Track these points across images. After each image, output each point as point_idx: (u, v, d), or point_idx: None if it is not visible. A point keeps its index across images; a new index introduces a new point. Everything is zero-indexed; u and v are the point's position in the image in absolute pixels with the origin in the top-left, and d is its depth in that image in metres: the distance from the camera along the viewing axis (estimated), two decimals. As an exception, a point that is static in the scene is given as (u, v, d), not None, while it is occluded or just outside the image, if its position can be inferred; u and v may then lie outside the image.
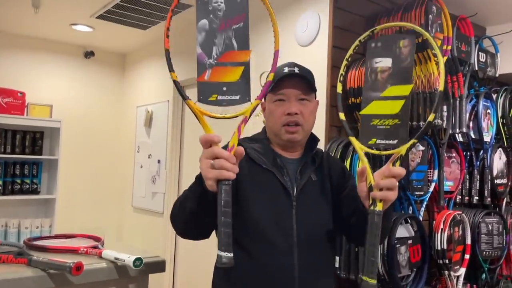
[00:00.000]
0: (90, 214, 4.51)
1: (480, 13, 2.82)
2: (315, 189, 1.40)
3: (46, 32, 4.19)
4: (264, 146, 1.41)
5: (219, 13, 1.11)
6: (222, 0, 1.11)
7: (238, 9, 1.12)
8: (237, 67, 1.11)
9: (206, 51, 1.09)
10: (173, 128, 3.94)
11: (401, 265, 2.09)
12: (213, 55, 1.09)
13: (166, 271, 1.53)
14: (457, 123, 2.49)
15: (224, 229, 1.00)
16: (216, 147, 1.03)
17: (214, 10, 1.10)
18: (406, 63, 1.21)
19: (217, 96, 1.08)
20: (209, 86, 1.08)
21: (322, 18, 2.46)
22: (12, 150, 3.72)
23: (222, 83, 1.09)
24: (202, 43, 1.09)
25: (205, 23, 1.09)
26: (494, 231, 2.51)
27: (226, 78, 1.09)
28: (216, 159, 1.02)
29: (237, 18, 1.12)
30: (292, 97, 1.38)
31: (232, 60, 1.10)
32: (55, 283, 1.26)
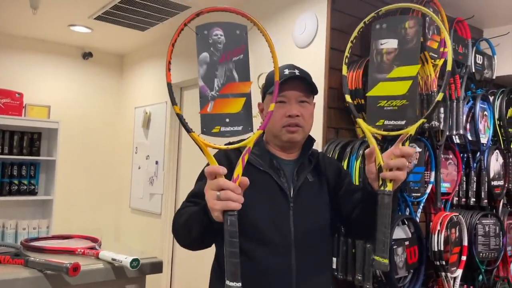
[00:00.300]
0: (88, 215, 4.51)
1: (477, 16, 2.83)
2: (311, 189, 1.41)
3: (44, 33, 4.19)
4: (260, 148, 1.41)
5: (219, 45, 1.14)
6: (222, 33, 1.14)
7: (238, 41, 1.16)
8: (239, 98, 1.12)
9: (208, 83, 1.10)
10: (171, 129, 3.94)
11: (398, 267, 2.09)
12: (215, 87, 1.11)
13: (163, 272, 1.54)
14: (454, 125, 2.50)
15: (232, 259, 1.01)
16: (222, 179, 1.04)
17: (214, 43, 1.14)
18: (412, 44, 1.20)
19: (220, 127, 1.09)
20: (212, 118, 1.09)
21: (319, 20, 2.46)
22: (9, 151, 3.71)
23: (224, 115, 1.10)
24: (204, 76, 1.11)
25: (206, 56, 1.12)
26: (490, 233, 2.52)
27: (228, 110, 1.10)
28: (222, 190, 1.02)
29: (237, 50, 1.16)
30: (293, 99, 1.39)
31: (233, 92, 1.12)
32: (52, 284, 1.26)
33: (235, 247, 1.01)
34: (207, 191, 1.05)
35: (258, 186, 1.33)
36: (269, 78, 1.44)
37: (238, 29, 1.18)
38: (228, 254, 1.01)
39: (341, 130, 2.38)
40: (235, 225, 1.02)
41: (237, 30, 1.18)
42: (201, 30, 1.14)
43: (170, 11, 3.35)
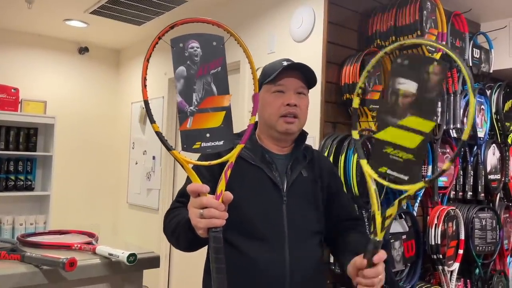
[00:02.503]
0: (85, 210, 4.50)
1: (474, 9, 2.83)
2: (305, 185, 1.40)
3: (39, 28, 4.16)
4: (251, 142, 1.39)
5: (196, 58, 1.09)
6: (198, 45, 1.09)
7: (214, 53, 1.11)
8: (219, 112, 1.10)
9: (186, 98, 1.08)
10: (168, 124, 3.93)
11: (395, 260, 2.10)
12: (194, 101, 1.08)
13: (161, 267, 1.54)
14: (451, 119, 2.50)
15: (218, 275, 1.01)
16: (205, 197, 1.03)
17: (190, 56, 1.09)
18: (432, 94, 1.07)
19: (201, 143, 1.08)
20: (192, 133, 1.07)
21: (317, 13, 2.45)
22: (6, 147, 3.70)
23: (204, 130, 1.08)
24: (181, 91, 1.08)
25: (182, 70, 1.08)
26: (487, 226, 2.53)
27: (209, 124, 1.09)
28: (205, 208, 1.02)
29: (214, 62, 1.11)
30: (291, 89, 1.38)
31: (213, 106, 1.10)
32: (49, 279, 1.26)
33: (221, 263, 1.01)
34: (190, 208, 1.05)
35: (250, 180, 1.34)
36: (267, 69, 1.43)
37: (214, 40, 1.12)
38: (215, 270, 1.01)
39: (338, 124, 2.38)
40: (220, 241, 1.02)
41: (213, 41, 1.12)
42: (176, 43, 1.08)
43: (166, 5, 3.33)
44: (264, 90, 1.40)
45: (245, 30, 3.01)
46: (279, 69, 1.36)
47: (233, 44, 1.16)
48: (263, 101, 1.39)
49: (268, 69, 1.42)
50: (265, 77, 1.40)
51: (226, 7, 3.25)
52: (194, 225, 1.04)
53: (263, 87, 1.40)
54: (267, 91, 1.39)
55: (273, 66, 1.41)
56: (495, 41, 2.92)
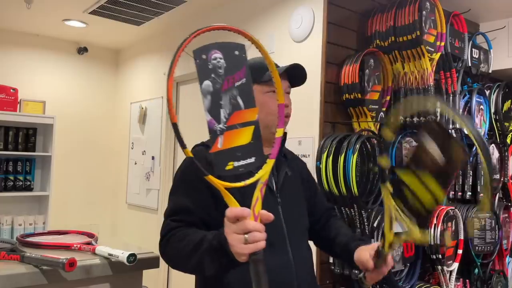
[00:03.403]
0: (84, 211, 4.50)
1: (473, 10, 2.83)
2: (292, 184, 1.41)
3: (38, 28, 4.15)
4: None
5: (220, 70, 1.02)
6: (221, 56, 1.03)
7: (238, 63, 1.05)
8: (247, 128, 1.03)
9: (215, 116, 1.00)
10: (167, 125, 3.92)
11: (395, 260, 2.10)
12: (222, 119, 1.01)
13: (160, 267, 1.53)
14: (451, 119, 2.50)
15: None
16: (248, 221, 0.96)
17: (214, 68, 1.02)
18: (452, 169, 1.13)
19: (233, 163, 0.99)
20: (224, 154, 0.99)
21: (316, 13, 2.45)
22: (5, 147, 3.69)
23: (235, 148, 1.00)
24: (209, 108, 1.00)
25: (208, 85, 1.00)
26: (486, 227, 2.53)
27: (239, 142, 1.01)
28: (250, 233, 0.95)
29: (238, 74, 1.04)
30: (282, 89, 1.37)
31: (241, 121, 1.02)
32: (48, 279, 1.25)
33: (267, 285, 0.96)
34: (231, 234, 0.97)
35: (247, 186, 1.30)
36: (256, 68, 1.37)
37: (236, 49, 1.05)
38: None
39: (337, 125, 2.38)
40: (263, 263, 0.97)
41: (235, 50, 1.05)
42: (199, 55, 1.01)
43: (165, 5, 3.33)
44: (257, 91, 1.35)
45: (244, 29, 3.01)
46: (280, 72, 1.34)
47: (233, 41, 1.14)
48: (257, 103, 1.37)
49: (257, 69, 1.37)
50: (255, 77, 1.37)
51: (225, 7, 3.25)
52: (236, 252, 0.96)
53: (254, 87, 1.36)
54: (260, 91, 1.37)
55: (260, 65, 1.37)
56: (494, 41, 2.93)
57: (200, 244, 1.08)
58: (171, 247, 1.19)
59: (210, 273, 1.09)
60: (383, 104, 2.33)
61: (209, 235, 1.08)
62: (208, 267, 1.06)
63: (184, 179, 1.29)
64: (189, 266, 1.14)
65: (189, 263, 1.12)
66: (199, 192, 1.22)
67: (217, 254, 1.02)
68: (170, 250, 1.19)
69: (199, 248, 1.08)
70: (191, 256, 1.10)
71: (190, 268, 1.15)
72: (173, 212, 1.26)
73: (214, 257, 1.04)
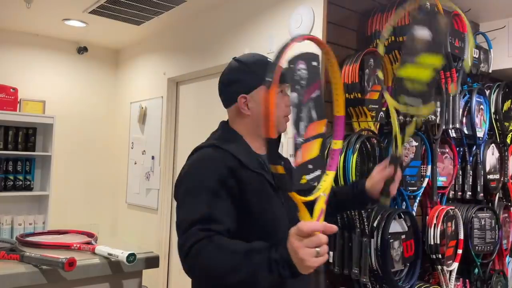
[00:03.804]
0: (84, 210, 4.50)
1: (473, 9, 2.83)
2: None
3: (38, 28, 4.15)
4: (244, 147, 1.35)
5: (303, 82, 1.02)
6: (305, 66, 1.03)
7: (315, 75, 1.05)
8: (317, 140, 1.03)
9: (297, 129, 1.00)
10: (167, 124, 3.92)
11: (395, 260, 2.10)
12: (301, 132, 1.01)
13: (160, 267, 1.53)
14: (451, 119, 2.50)
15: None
16: (321, 235, 0.97)
17: (298, 79, 1.02)
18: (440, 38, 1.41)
19: (305, 177, 1.00)
20: (300, 168, 1.00)
21: (316, 13, 2.45)
22: (4, 146, 3.69)
23: (307, 162, 1.01)
24: (294, 121, 1.00)
25: (295, 97, 1.01)
26: (486, 226, 2.53)
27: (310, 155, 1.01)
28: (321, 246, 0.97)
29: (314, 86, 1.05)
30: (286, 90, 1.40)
31: (313, 134, 1.03)
32: (48, 279, 1.25)
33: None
34: (303, 249, 0.96)
35: (257, 189, 1.27)
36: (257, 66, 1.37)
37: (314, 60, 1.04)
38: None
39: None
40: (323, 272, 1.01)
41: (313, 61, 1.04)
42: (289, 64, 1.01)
43: (165, 5, 3.33)
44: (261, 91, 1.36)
45: (244, 29, 3.01)
46: None
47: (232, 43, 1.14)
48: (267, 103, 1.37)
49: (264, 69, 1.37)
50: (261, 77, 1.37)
51: (225, 7, 3.25)
52: (307, 266, 0.96)
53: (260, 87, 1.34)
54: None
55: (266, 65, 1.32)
56: (494, 41, 2.92)
57: (250, 256, 1.05)
58: (206, 258, 1.09)
59: (263, 286, 1.05)
60: (383, 104, 2.32)
61: (257, 246, 1.06)
62: (264, 279, 1.03)
63: (207, 186, 1.20)
64: (234, 278, 1.07)
65: (236, 275, 1.06)
66: (224, 200, 1.19)
67: (278, 267, 1.00)
68: (205, 261, 1.09)
69: (250, 260, 1.05)
70: (240, 268, 1.05)
71: (235, 279, 1.07)
72: (199, 220, 1.15)
73: (272, 269, 1.01)
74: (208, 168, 1.23)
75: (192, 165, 1.29)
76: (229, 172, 1.22)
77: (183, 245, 1.12)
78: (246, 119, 1.37)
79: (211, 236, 1.11)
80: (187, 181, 1.26)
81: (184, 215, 1.19)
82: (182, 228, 1.15)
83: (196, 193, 1.20)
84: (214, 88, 1.47)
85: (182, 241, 1.14)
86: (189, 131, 3.78)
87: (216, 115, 1.46)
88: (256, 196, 1.24)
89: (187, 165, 1.31)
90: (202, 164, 1.26)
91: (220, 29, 3.27)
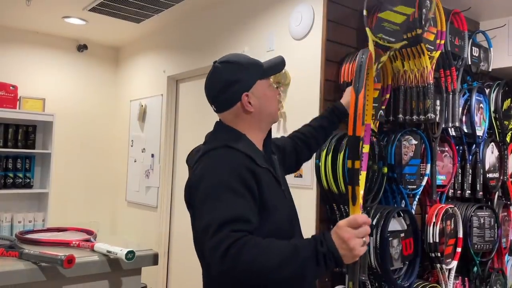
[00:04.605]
0: (84, 208, 4.50)
1: (473, 8, 2.82)
2: (283, 174, 1.51)
3: (38, 25, 4.15)
4: (250, 144, 1.36)
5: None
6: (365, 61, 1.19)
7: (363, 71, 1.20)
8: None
9: None
10: (167, 122, 3.92)
11: (394, 258, 2.10)
12: None
13: (159, 265, 1.53)
14: (450, 118, 2.50)
15: None
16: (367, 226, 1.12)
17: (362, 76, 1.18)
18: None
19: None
20: None
21: (316, 11, 2.45)
22: (4, 144, 3.69)
23: None
24: None
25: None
26: (485, 225, 2.53)
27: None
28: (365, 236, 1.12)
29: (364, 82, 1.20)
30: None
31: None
32: (47, 276, 1.26)
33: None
34: (354, 239, 1.09)
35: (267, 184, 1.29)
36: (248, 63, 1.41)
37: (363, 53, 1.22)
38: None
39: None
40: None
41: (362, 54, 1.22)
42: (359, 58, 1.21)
43: (165, 2, 3.32)
44: (264, 85, 1.41)
45: (244, 27, 3.01)
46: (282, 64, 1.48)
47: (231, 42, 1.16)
48: (267, 97, 1.41)
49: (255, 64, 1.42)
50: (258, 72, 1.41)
51: (225, 5, 3.24)
52: (356, 254, 1.10)
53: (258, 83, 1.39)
54: (268, 86, 1.43)
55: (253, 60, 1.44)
56: (494, 40, 2.92)
57: (297, 251, 1.10)
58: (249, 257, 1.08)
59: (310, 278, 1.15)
60: (383, 103, 2.32)
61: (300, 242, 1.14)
62: (312, 271, 1.10)
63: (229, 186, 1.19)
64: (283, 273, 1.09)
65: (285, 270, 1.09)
66: (247, 199, 1.20)
67: (324, 259, 1.09)
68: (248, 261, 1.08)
69: (298, 255, 1.09)
70: (288, 264, 1.08)
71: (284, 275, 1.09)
72: (229, 221, 1.12)
73: (319, 262, 1.09)
74: (227, 168, 1.22)
75: (208, 167, 1.26)
76: (247, 170, 1.23)
77: (217, 247, 1.09)
78: (249, 116, 1.38)
79: (246, 236, 1.11)
80: (208, 182, 1.22)
81: (210, 217, 1.15)
82: (211, 231, 1.12)
83: (219, 194, 1.18)
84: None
85: (214, 243, 1.10)
86: (189, 129, 3.78)
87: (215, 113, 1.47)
88: (269, 191, 1.28)
89: (202, 168, 1.27)
90: (220, 165, 1.24)
91: (220, 27, 3.27)
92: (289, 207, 1.39)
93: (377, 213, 2.11)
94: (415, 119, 2.25)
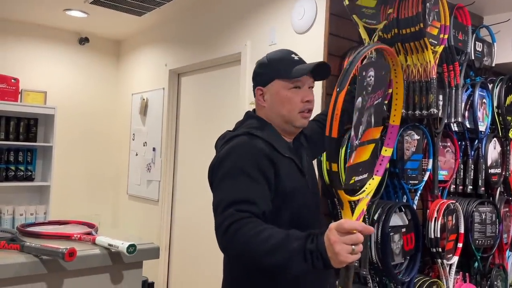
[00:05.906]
0: (85, 201, 4.51)
1: (477, 2, 2.80)
2: (310, 166, 1.53)
3: (39, 18, 4.13)
4: (274, 133, 1.42)
5: (369, 88, 1.06)
6: (373, 74, 1.07)
7: (381, 83, 1.08)
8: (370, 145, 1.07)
9: (356, 132, 1.04)
10: (168, 116, 3.92)
11: (395, 253, 2.10)
12: (359, 135, 1.05)
13: (161, 258, 1.54)
14: (453, 113, 2.49)
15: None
16: (359, 234, 1.01)
17: (366, 86, 1.06)
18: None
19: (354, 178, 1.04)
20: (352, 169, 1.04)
21: (318, 5, 2.43)
22: (6, 137, 3.69)
23: (359, 164, 1.05)
24: (355, 124, 1.04)
25: (359, 102, 1.05)
26: (487, 220, 2.53)
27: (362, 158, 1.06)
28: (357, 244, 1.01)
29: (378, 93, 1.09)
30: (306, 85, 1.44)
31: (369, 138, 1.07)
32: (48, 269, 1.26)
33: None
34: (340, 244, 1.00)
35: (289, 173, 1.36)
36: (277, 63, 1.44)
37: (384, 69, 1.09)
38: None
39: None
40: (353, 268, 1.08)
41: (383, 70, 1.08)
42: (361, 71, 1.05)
43: (167, -5, 3.31)
44: (280, 86, 1.42)
45: (246, 21, 2.99)
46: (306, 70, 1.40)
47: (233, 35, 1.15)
48: (280, 97, 1.42)
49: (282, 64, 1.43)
50: (279, 72, 1.42)
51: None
52: (341, 260, 1.01)
53: (276, 82, 1.42)
54: (284, 87, 1.42)
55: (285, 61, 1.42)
56: (498, 35, 2.90)
57: (287, 242, 1.08)
58: (243, 238, 1.13)
59: (295, 272, 1.10)
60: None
61: (295, 234, 1.10)
62: (297, 266, 1.07)
63: (245, 171, 1.26)
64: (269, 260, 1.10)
65: (271, 258, 1.10)
66: (261, 184, 1.24)
67: (311, 256, 1.05)
68: (242, 241, 1.13)
69: (286, 246, 1.08)
70: (275, 252, 1.09)
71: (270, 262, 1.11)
72: (237, 202, 1.19)
73: (307, 258, 1.05)
74: (246, 154, 1.29)
75: (231, 150, 1.33)
76: (265, 158, 1.29)
77: (221, 225, 1.16)
78: (264, 110, 1.46)
79: (248, 217, 1.15)
80: (226, 164, 1.30)
81: (222, 196, 1.23)
82: (220, 208, 1.19)
83: (234, 176, 1.25)
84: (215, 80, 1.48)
85: (219, 221, 1.17)
86: (191, 122, 3.77)
87: (217, 107, 1.48)
88: (289, 180, 1.33)
89: (225, 150, 1.34)
90: (240, 150, 1.32)
91: (222, 20, 3.25)
92: (311, 196, 1.44)
93: (378, 208, 2.11)
94: (418, 114, 2.24)
